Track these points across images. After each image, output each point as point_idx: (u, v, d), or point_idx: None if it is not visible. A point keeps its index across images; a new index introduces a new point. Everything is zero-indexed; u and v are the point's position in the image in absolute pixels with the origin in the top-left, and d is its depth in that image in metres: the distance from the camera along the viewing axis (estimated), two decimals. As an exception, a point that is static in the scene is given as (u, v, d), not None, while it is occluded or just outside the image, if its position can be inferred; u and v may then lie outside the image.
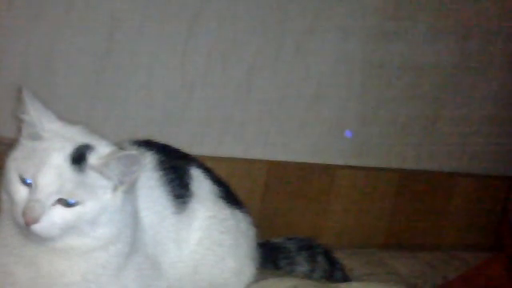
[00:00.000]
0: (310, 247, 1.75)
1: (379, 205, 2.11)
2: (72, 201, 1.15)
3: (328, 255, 1.76)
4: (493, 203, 2.26)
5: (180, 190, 1.40)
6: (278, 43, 1.93)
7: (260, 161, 1.96)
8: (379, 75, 2.06)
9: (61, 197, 1.14)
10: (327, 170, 2.04)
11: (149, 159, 1.38)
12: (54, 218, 1.14)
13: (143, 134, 1.48)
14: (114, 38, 1.75)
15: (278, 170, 1.97)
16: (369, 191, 2.08)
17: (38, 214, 1.13)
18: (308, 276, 1.71)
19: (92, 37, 1.73)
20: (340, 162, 2.07)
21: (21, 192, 1.15)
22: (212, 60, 1.87)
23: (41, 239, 1.16)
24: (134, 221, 1.27)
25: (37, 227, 1.13)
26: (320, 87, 2.00)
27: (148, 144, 1.42)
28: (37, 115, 1.19)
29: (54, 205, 1.14)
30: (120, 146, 1.25)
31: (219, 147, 1.92)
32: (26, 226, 1.13)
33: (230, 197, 1.50)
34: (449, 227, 2.22)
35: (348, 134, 2.06)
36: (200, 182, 1.45)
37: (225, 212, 1.47)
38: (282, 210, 1.99)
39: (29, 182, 1.15)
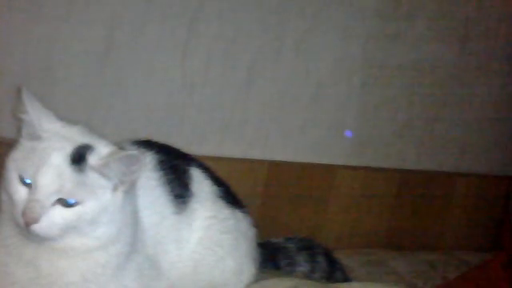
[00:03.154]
0: (309, 247, 1.75)
1: (379, 205, 2.11)
2: (72, 201, 1.15)
3: (328, 255, 1.76)
4: (493, 203, 2.26)
5: (180, 190, 1.40)
6: (278, 43, 1.93)
7: (260, 161, 1.96)
8: (379, 75, 2.06)
9: (60, 197, 1.14)
10: (327, 169, 2.04)
11: (149, 159, 1.38)
12: (54, 218, 1.14)
13: (143, 134, 1.48)
14: (114, 38, 1.75)
15: (277, 170, 1.97)
16: (369, 191, 2.08)
17: (38, 214, 1.13)
18: (308, 276, 1.71)
19: (92, 37, 1.73)
20: (340, 161, 2.07)
21: (20, 192, 1.15)
22: (212, 60, 1.87)
23: (41, 239, 1.16)
24: (134, 221, 1.27)
25: (36, 227, 1.13)
26: (320, 87, 2.00)
27: (148, 144, 1.42)
28: (36, 115, 1.19)
29: (53, 205, 1.14)
30: (120, 146, 1.25)
31: (219, 147, 1.92)
32: (25, 226, 1.13)
33: (229, 197, 1.50)
34: (449, 227, 2.22)
35: (348, 133, 2.06)
36: (200, 182, 1.45)
37: (225, 212, 1.47)
38: (282, 210, 1.99)
39: (28, 182, 1.15)
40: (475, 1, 2.11)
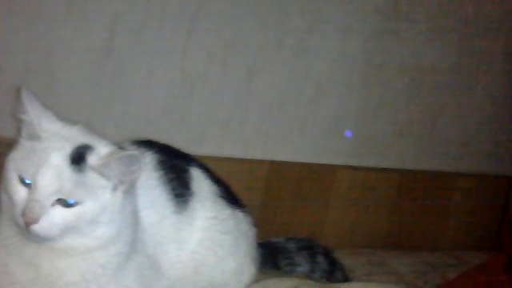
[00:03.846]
0: (310, 247, 1.75)
1: (379, 205, 2.11)
2: (71, 201, 1.15)
3: (328, 255, 1.76)
4: (493, 203, 2.25)
5: (180, 190, 1.40)
6: (278, 43, 1.93)
7: (260, 161, 1.96)
8: (379, 75, 2.06)
9: (60, 197, 1.14)
10: (327, 169, 2.04)
11: (149, 159, 1.38)
12: (54, 218, 1.14)
13: (143, 134, 1.48)
14: (114, 38, 1.75)
15: (277, 170, 1.97)
16: (369, 191, 2.08)
17: (38, 214, 1.13)
18: (308, 276, 1.71)
19: (92, 37, 1.73)
20: (340, 162, 2.07)
21: (20, 192, 1.15)
22: (212, 60, 1.87)
23: (40, 239, 1.16)
24: (134, 220, 1.27)
25: (36, 227, 1.13)
26: (320, 87, 2.00)
27: (148, 144, 1.42)
28: (35, 115, 1.19)
29: (53, 205, 1.14)
30: (120, 146, 1.25)
31: (219, 147, 1.92)
32: (25, 226, 1.13)
33: (230, 197, 1.50)
34: (449, 227, 2.22)
35: (348, 133, 2.06)
36: (200, 182, 1.45)
37: (225, 212, 1.47)
38: (282, 210, 1.99)
39: (28, 182, 1.15)
40: (475, 0, 2.10)
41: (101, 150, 1.19)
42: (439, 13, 2.08)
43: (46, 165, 1.14)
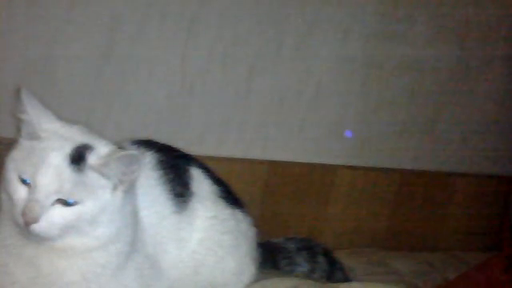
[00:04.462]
0: (309, 247, 1.75)
1: (379, 205, 2.11)
2: (71, 200, 1.15)
3: (328, 255, 1.76)
4: (493, 203, 2.25)
5: (180, 190, 1.40)
6: (277, 43, 1.93)
7: (260, 161, 1.96)
8: (379, 75, 2.06)
9: (60, 197, 1.14)
10: (327, 169, 2.04)
11: (149, 159, 1.38)
12: (54, 217, 1.14)
13: (143, 134, 1.48)
14: (114, 38, 1.75)
15: (278, 170, 1.97)
16: (369, 191, 2.08)
17: (38, 213, 1.13)
18: (308, 276, 1.71)
19: (92, 37, 1.73)
20: (340, 162, 2.07)
21: (20, 192, 1.15)
22: (212, 60, 1.87)
23: (40, 239, 1.16)
24: (134, 220, 1.27)
25: (36, 227, 1.13)
26: (320, 87, 2.00)
27: (148, 144, 1.42)
28: (35, 115, 1.19)
29: (53, 205, 1.14)
30: (120, 146, 1.25)
31: (219, 147, 1.92)
32: (25, 225, 1.13)
33: (230, 197, 1.50)
34: (449, 227, 2.22)
35: (348, 133, 2.06)
36: (200, 182, 1.45)
37: (225, 212, 1.47)
38: (282, 210, 1.99)
39: (28, 181, 1.15)
40: (475, 1, 2.11)
41: (101, 150, 1.19)
42: (439, 13, 2.08)
43: (45, 164, 1.14)
